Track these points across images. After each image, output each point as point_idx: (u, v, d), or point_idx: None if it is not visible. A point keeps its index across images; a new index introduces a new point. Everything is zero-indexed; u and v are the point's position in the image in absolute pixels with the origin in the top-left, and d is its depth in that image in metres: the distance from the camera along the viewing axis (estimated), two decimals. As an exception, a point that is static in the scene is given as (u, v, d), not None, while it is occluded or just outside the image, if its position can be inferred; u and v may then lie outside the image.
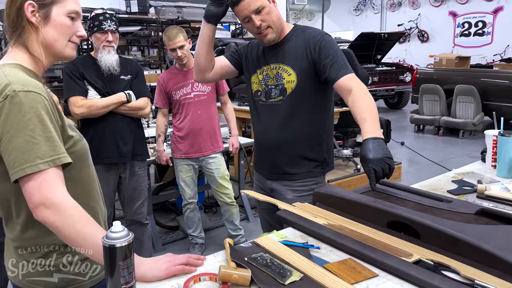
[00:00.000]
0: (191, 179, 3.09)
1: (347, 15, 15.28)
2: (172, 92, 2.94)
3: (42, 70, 1.14)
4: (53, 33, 1.10)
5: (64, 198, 0.99)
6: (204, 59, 1.85)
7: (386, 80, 9.38)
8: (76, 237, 0.99)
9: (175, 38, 2.78)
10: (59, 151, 1.01)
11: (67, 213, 0.98)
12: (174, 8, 6.28)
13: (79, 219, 1.00)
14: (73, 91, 2.38)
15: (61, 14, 1.10)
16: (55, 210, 0.97)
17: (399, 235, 1.23)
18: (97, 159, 2.44)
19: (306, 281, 1.04)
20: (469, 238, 1.08)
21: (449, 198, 1.49)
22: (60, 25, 1.10)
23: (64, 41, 1.12)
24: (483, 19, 12.15)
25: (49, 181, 0.98)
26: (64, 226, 0.98)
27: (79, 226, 0.99)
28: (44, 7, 1.08)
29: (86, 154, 1.19)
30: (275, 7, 1.75)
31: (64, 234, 0.99)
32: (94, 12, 2.46)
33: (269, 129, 1.87)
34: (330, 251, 1.20)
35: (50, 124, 1.01)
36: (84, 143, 1.19)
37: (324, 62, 1.71)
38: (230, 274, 1.02)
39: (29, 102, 0.98)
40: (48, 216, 0.97)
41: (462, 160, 5.45)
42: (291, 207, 1.49)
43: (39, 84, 1.04)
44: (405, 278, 1.03)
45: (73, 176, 1.11)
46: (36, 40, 1.09)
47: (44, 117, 1.00)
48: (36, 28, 1.09)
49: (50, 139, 1.00)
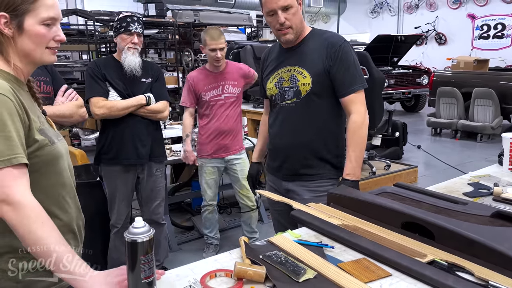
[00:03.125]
0: (214, 181, 3.11)
1: (364, 17, 15.18)
2: (202, 93, 2.95)
3: (23, 75, 1.14)
4: (28, 43, 1.09)
5: (24, 197, 0.99)
6: None
7: (403, 83, 9.29)
8: (28, 238, 0.98)
9: (219, 38, 2.82)
10: (17, 151, 1.00)
11: (24, 212, 0.98)
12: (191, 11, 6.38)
13: (35, 220, 0.99)
14: (94, 92, 2.44)
15: (34, 24, 1.09)
16: (14, 208, 0.97)
17: (413, 236, 1.24)
18: (116, 160, 2.52)
19: (320, 279, 1.06)
20: (484, 239, 1.08)
21: (465, 200, 1.49)
22: (34, 35, 1.09)
23: (41, 49, 1.12)
24: (502, 22, 11.94)
25: (11, 179, 0.98)
26: (19, 225, 0.98)
27: (33, 227, 0.98)
28: (16, 18, 1.07)
29: (55, 160, 1.16)
30: (300, 10, 1.78)
31: (19, 232, 0.99)
32: (123, 13, 2.51)
33: (284, 130, 1.90)
34: (344, 250, 1.22)
35: (11, 124, 1.01)
36: (55, 149, 1.15)
37: (336, 74, 1.76)
38: (245, 271, 1.04)
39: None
40: (8, 213, 0.98)
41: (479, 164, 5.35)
42: (305, 207, 1.50)
43: (5, 85, 1.04)
44: (419, 278, 1.04)
45: (38, 180, 1.10)
46: (13, 50, 1.09)
47: (4, 116, 1.00)
48: (11, 39, 1.08)
49: (9, 138, 1.00)
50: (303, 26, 1.83)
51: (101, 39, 6.25)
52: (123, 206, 2.62)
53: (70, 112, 2.04)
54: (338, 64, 1.75)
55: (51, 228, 1.01)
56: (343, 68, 1.75)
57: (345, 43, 1.80)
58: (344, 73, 1.75)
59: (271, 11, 1.72)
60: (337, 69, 1.75)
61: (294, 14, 1.73)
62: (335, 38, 1.82)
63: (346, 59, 1.77)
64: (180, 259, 3.12)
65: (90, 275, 1.00)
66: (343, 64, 1.75)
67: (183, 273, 1.10)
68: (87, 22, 6.39)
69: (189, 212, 3.97)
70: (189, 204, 4.08)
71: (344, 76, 1.75)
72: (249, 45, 4.82)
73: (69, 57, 8.82)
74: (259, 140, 2.20)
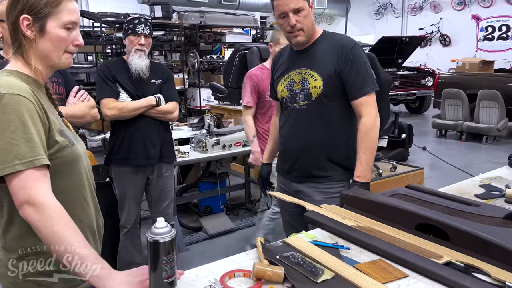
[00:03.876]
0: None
1: (368, 19, 15.19)
2: (265, 93, 2.85)
3: (42, 78, 1.16)
4: (48, 46, 1.12)
5: (46, 198, 1.01)
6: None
7: (408, 85, 9.30)
8: (51, 238, 0.99)
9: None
10: (38, 153, 1.02)
11: (47, 213, 0.99)
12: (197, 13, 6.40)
13: (58, 221, 1.00)
14: (105, 93, 2.46)
15: (56, 27, 1.11)
16: (36, 209, 0.99)
17: (428, 238, 1.25)
18: (127, 160, 2.53)
19: (337, 280, 1.07)
20: (500, 241, 1.09)
21: (477, 202, 1.50)
22: (55, 38, 1.11)
23: (60, 52, 1.14)
24: (507, 23, 11.91)
25: (34, 180, 1.00)
26: (42, 225, 0.99)
27: (56, 228, 0.99)
28: (39, 20, 1.09)
29: (75, 161, 1.18)
30: (311, 13, 1.79)
31: (42, 233, 1.00)
32: (131, 15, 2.54)
33: (295, 132, 1.91)
34: (360, 252, 1.22)
35: (32, 126, 1.02)
36: (74, 150, 1.17)
37: (348, 77, 1.77)
38: (264, 271, 1.05)
39: (12, 104, 1.01)
40: (30, 214, 0.99)
41: (485, 166, 5.36)
42: (318, 208, 1.51)
43: (26, 88, 1.06)
44: (437, 279, 1.05)
45: (59, 182, 1.11)
46: (33, 52, 1.12)
47: (26, 119, 1.02)
48: (32, 41, 1.11)
49: (31, 140, 1.01)
50: (314, 28, 1.84)
51: (107, 40, 6.29)
52: (133, 206, 2.63)
53: (82, 112, 2.07)
54: (349, 67, 1.77)
55: (73, 228, 1.03)
56: (354, 71, 1.76)
57: (356, 45, 1.81)
58: (355, 76, 1.76)
59: (283, 14, 1.74)
60: (348, 72, 1.76)
61: (305, 17, 1.75)
62: (346, 41, 1.83)
63: (357, 62, 1.78)
64: (189, 259, 3.13)
65: (112, 275, 1.01)
66: (354, 67, 1.76)
67: (202, 273, 1.11)
68: (94, 23, 6.43)
69: (197, 213, 3.98)
70: (196, 205, 4.10)
71: (355, 78, 1.77)
72: (255, 47, 4.84)
73: (74, 58, 8.87)
74: (269, 141, 2.22)
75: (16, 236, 1.11)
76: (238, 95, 5.10)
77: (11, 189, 1.01)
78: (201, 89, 6.57)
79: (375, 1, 14.74)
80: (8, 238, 1.12)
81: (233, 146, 3.50)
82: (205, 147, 3.36)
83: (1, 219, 1.12)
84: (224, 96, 5.19)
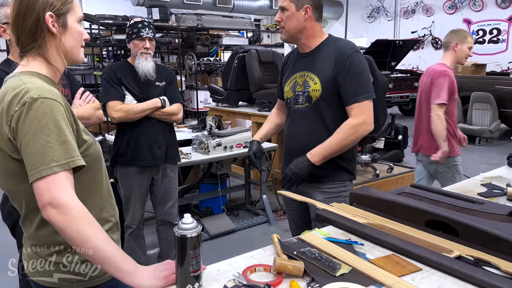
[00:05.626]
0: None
1: (361, 22, 15.31)
2: (455, 91, 2.94)
3: (57, 77, 1.18)
4: (71, 40, 1.15)
5: (70, 199, 1.02)
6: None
7: (401, 87, 9.39)
8: (78, 238, 1.01)
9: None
10: (74, 154, 1.05)
11: (71, 214, 1.01)
12: (194, 15, 6.44)
13: (82, 221, 1.02)
14: (111, 96, 2.49)
15: (74, 22, 1.15)
16: (60, 211, 1.00)
17: (437, 234, 1.30)
18: (132, 161, 2.56)
19: (354, 274, 1.11)
20: (509, 235, 1.14)
21: (481, 200, 1.56)
22: (76, 32, 1.16)
23: (79, 47, 1.18)
24: (497, 27, 12.11)
25: (58, 183, 1.01)
26: (67, 226, 1.01)
27: (81, 228, 1.01)
28: (61, 17, 1.13)
29: (99, 156, 1.22)
30: (301, 17, 1.84)
31: (67, 234, 1.02)
32: (134, 19, 2.57)
33: (297, 133, 1.96)
34: (373, 247, 1.27)
35: (66, 128, 1.05)
36: (97, 146, 1.22)
37: (343, 83, 1.82)
38: (285, 265, 1.10)
39: (45, 108, 1.03)
40: (54, 215, 1.00)
41: (479, 167, 5.46)
42: (328, 206, 1.56)
43: (55, 91, 1.08)
44: (449, 272, 1.10)
45: (88, 177, 1.15)
46: (56, 49, 1.14)
47: (60, 122, 1.04)
48: (56, 38, 1.13)
49: (65, 142, 1.04)
50: (302, 33, 1.88)
51: (105, 43, 6.29)
52: (138, 207, 2.66)
53: (88, 114, 2.09)
54: (345, 73, 1.81)
55: (97, 227, 1.05)
56: (349, 77, 1.80)
57: (355, 53, 1.84)
58: (350, 82, 1.80)
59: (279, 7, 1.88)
60: (343, 78, 1.81)
61: (288, 17, 1.84)
62: (346, 47, 1.86)
63: (353, 69, 1.81)
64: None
65: (139, 270, 1.04)
66: (349, 74, 1.80)
67: (223, 268, 1.16)
68: (91, 26, 6.43)
69: (197, 214, 4.01)
70: (196, 206, 4.13)
71: (350, 85, 1.80)
72: (254, 49, 4.88)
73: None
74: (264, 124, 2.25)
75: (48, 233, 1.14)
76: (236, 97, 5.16)
77: (35, 191, 1.02)
78: (198, 91, 6.60)
79: (368, 4, 14.88)
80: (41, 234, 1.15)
81: (234, 147, 3.54)
82: (207, 148, 3.40)
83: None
84: (223, 98, 5.23)
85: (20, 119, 1.02)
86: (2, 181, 1.14)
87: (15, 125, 1.03)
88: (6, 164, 1.09)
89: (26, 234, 1.19)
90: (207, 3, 10.39)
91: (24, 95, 1.03)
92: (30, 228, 1.16)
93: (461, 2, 12.59)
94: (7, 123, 1.04)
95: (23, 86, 1.05)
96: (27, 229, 1.17)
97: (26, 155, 1.03)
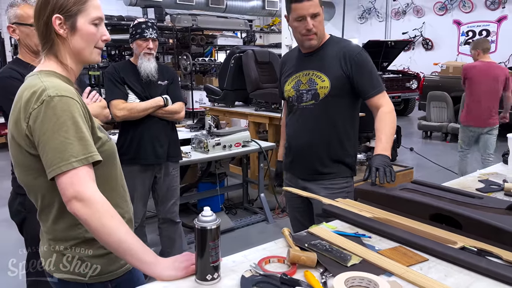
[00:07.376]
0: None
1: (352, 23, 15.44)
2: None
3: (74, 76, 1.22)
4: (80, 42, 1.16)
5: (93, 193, 1.06)
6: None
7: (393, 87, 9.52)
8: (101, 231, 1.05)
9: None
10: (91, 150, 1.08)
11: (95, 207, 1.04)
12: (189, 16, 6.46)
13: (105, 214, 1.06)
14: (114, 95, 2.51)
15: (86, 23, 1.16)
16: (85, 204, 1.04)
17: (441, 226, 1.36)
18: (135, 160, 2.59)
19: (365, 264, 1.16)
20: (510, 227, 1.20)
21: (480, 195, 1.62)
22: (86, 33, 1.16)
23: (91, 48, 1.19)
24: (487, 28, 12.31)
25: (81, 177, 1.05)
26: (91, 219, 1.04)
27: (104, 220, 1.05)
28: (70, 18, 1.14)
29: (114, 153, 1.26)
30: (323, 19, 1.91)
31: (91, 226, 1.05)
32: (137, 20, 2.60)
33: (300, 131, 2.01)
34: (380, 240, 1.32)
35: (83, 125, 1.08)
36: (112, 143, 1.25)
37: (360, 79, 1.88)
38: (299, 256, 1.14)
39: (62, 106, 1.06)
40: (79, 209, 1.04)
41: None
42: (334, 202, 1.61)
43: (71, 89, 1.12)
44: (455, 262, 1.15)
45: (103, 173, 1.18)
46: (65, 50, 1.16)
47: (77, 119, 1.07)
48: (65, 39, 1.15)
49: (83, 139, 1.07)
50: (325, 33, 1.95)
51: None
52: (141, 205, 2.69)
53: (96, 112, 2.11)
54: (359, 70, 1.88)
55: (119, 220, 1.09)
56: (366, 73, 1.88)
57: (362, 51, 1.93)
58: (368, 77, 1.88)
59: (300, 17, 1.83)
60: (360, 74, 1.87)
61: (320, 22, 1.86)
62: (353, 46, 1.95)
63: (366, 65, 1.90)
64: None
65: (159, 261, 1.08)
66: (365, 69, 1.88)
67: (238, 259, 1.20)
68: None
69: (195, 212, 4.04)
70: (195, 205, 4.16)
71: (369, 79, 1.88)
72: (250, 50, 4.93)
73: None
74: (282, 140, 2.30)
75: (64, 228, 1.17)
76: (233, 97, 5.20)
77: (59, 186, 1.06)
78: (193, 91, 6.63)
79: (359, 5, 15.01)
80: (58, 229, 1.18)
81: (233, 146, 3.58)
82: (206, 147, 3.44)
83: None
84: (219, 98, 5.26)
85: (39, 116, 1.06)
86: (20, 176, 1.18)
87: (33, 122, 1.06)
88: (24, 159, 1.12)
89: (44, 228, 1.22)
90: (200, 3, 10.41)
91: (42, 93, 1.07)
92: (46, 222, 1.19)
93: (451, 4, 12.76)
94: (25, 120, 1.08)
95: (41, 85, 1.08)
96: (44, 223, 1.20)
97: (46, 152, 1.05)
